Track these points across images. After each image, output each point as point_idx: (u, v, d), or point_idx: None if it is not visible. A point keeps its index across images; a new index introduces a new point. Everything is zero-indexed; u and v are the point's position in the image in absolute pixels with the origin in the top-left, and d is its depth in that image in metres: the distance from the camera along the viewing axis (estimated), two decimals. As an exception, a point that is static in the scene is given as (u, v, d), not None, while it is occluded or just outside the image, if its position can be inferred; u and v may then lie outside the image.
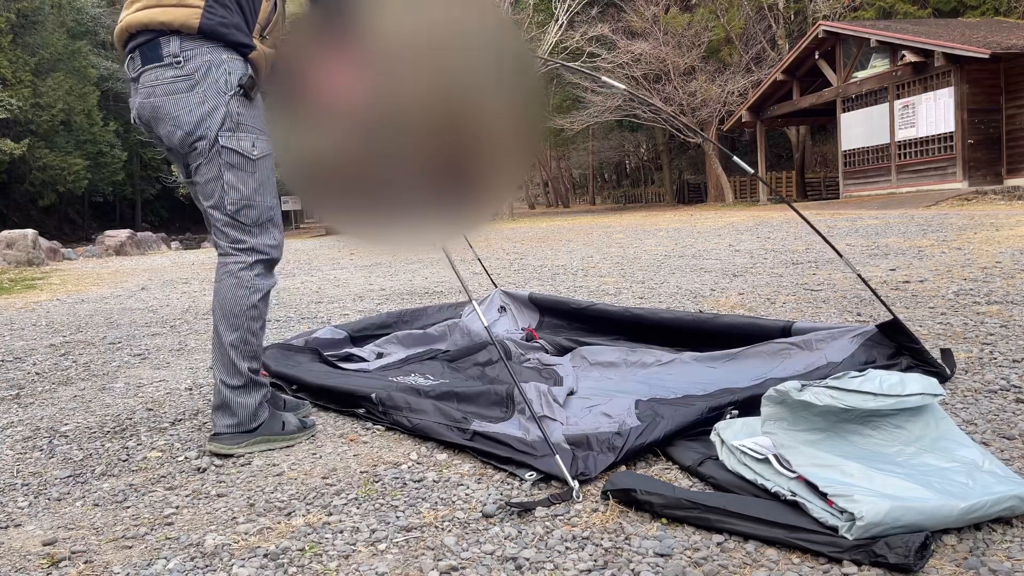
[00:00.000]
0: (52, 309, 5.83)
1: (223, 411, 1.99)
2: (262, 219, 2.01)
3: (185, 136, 1.94)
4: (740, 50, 24.50)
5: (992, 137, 15.34)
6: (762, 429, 1.53)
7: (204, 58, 1.92)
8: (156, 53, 1.93)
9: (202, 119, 1.92)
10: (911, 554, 1.19)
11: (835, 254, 2.18)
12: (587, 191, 43.25)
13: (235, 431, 1.98)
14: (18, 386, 3.06)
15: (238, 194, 1.97)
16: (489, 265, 7.06)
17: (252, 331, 2.00)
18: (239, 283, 1.98)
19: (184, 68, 1.91)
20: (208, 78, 1.92)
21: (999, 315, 3.07)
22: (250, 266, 2.00)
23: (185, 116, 1.93)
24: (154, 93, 1.94)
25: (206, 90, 1.92)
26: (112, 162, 35.53)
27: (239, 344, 1.98)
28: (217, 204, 1.98)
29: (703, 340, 2.61)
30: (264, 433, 2.01)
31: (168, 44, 1.92)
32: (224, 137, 1.94)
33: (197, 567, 1.36)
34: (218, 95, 1.93)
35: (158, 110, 1.95)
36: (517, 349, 2.85)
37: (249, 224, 1.99)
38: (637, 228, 11.90)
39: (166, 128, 1.96)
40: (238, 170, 1.96)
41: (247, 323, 1.99)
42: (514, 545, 1.36)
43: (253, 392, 2.00)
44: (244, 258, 2.00)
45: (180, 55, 1.91)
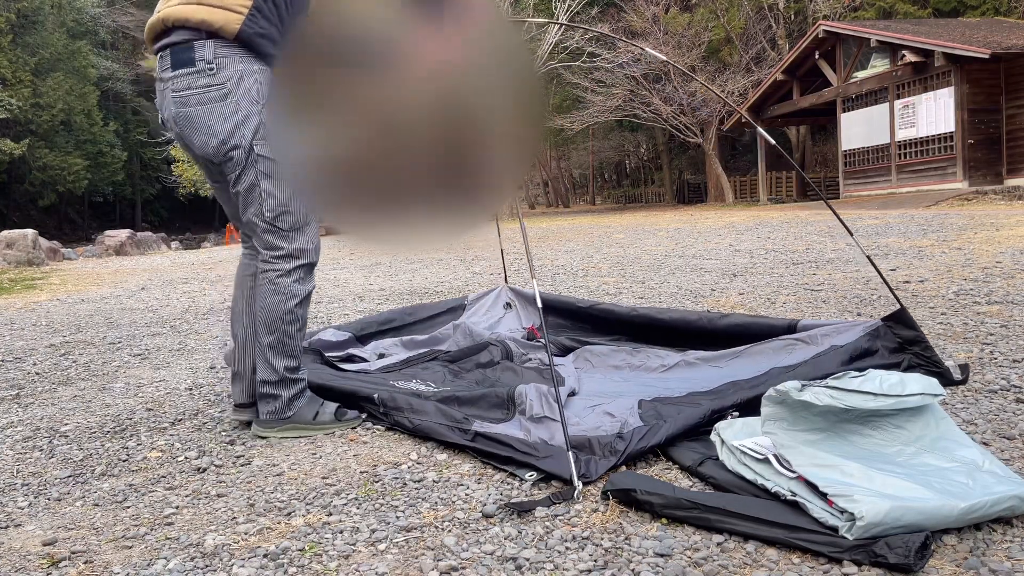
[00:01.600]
0: (52, 309, 5.83)
1: (262, 400, 2.13)
2: (299, 223, 2.09)
3: (220, 145, 1.99)
4: (740, 50, 24.49)
5: (992, 137, 15.33)
6: (762, 429, 1.53)
7: (237, 67, 1.95)
8: (189, 57, 1.95)
9: (236, 128, 1.97)
10: (911, 554, 1.19)
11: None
12: (587, 191, 43.24)
13: (273, 417, 2.12)
14: (18, 386, 3.06)
15: (275, 200, 2.05)
16: (489, 265, 7.07)
17: (289, 334, 2.11)
18: (276, 289, 2.09)
19: (217, 76, 1.95)
20: (241, 87, 1.96)
21: (999, 315, 3.07)
22: (288, 272, 2.10)
23: (219, 125, 1.97)
24: (188, 102, 1.98)
25: (239, 99, 1.96)
26: (112, 162, 35.52)
27: (276, 345, 2.10)
28: (257, 212, 2.06)
29: (707, 340, 2.61)
30: (295, 422, 2.12)
31: (203, 49, 1.94)
32: (259, 145, 2.00)
33: (197, 567, 1.36)
34: (251, 104, 1.97)
35: (192, 120, 1.99)
36: (519, 349, 2.85)
37: (287, 229, 2.08)
38: (637, 228, 11.89)
39: (201, 137, 2.00)
40: (274, 177, 2.03)
41: (284, 327, 2.10)
42: (514, 545, 1.36)
43: (288, 387, 2.12)
44: (283, 265, 2.09)
45: (213, 62, 1.94)
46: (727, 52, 24.85)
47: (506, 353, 2.77)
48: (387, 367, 2.72)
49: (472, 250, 8.96)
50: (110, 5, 37.31)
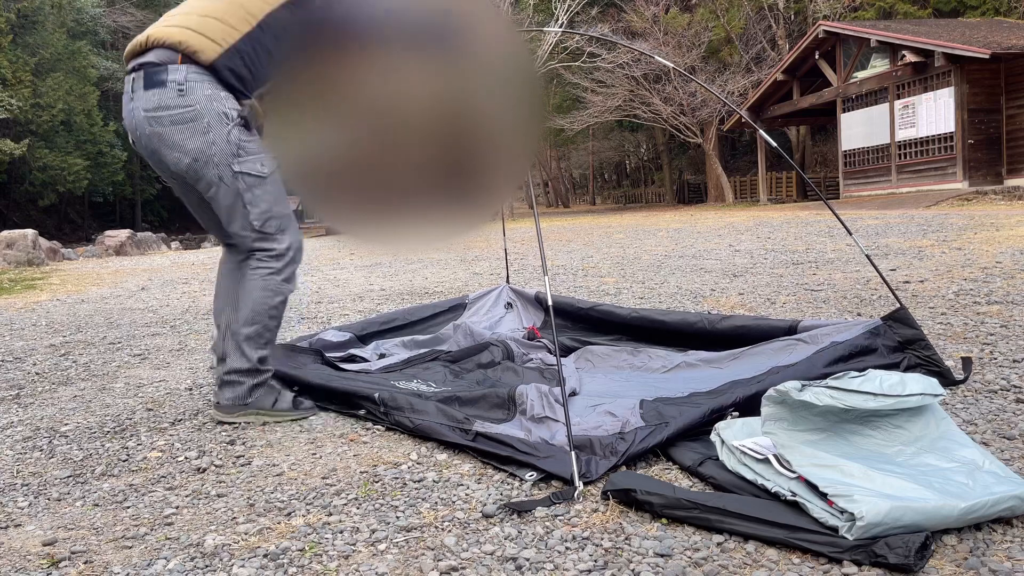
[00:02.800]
0: (52, 309, 5.83)
1: (225, 386, 2.24)
2: (283, 225, 2.24)
3: (192, 163, 2.10)
4: (740, 50, 24.49)
5: (992, 137, 15.33)
6: (762, 429, 1.53)
7: (205, 91, 2.07)
8: (161, 78, 2.07)
9: (206, 147, 2.09)
10: (911, 554, 1.19)
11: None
12: (587, 191, 43.24)
13: (233, 403, 2.23)
14: (18, 386, 3.06)
15: (259, 210, 2.18)
16: (489, 265, 7.06)
17: (269, 328, 2.25)
18: (266, 286, 2.23)
19: (187, 98, 2.06)
20: (210, 109, 2.07)
21: (999, 315, 3.07)
22: (279, 271, 2.25)
23: (190, 144, 2.08)
24: (160, 122, 2.09)
25: (209, 120, 2.07)
26: (112, 162, 35.50)
27: (254, 337, 2.22)
28: (243, 224, 2.19)
29: (708, 342, 2.61)
30: (255, 408, 2.23)
31: (175, 71, 2.06)
32: (236, 163, 2.12)
33: (197, 567, 1.36)
34: (221, 125, 2.08)
35: (164, 139, 2.10)
36: (519, 349, 2.85)
37: (274, 232, 2.22)
38: (637, 228, 11.90)
39: (173, 155, 2.11)
40: (256, 189, 2.16)
41: (266, 321, 2.24)
42: (514, 545, 1.36)
43: (255, 377, 2.23)
44: (275, 264, 2.24)
45: (184, 84, 2.05)
46: (727, 52, 24.85)
47: (507, 353, 2.77)
48: (388, 367, 2.72)
49: (472, 250, 8.96)
50: (110, 5, 37.30)
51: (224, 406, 2.24)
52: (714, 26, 24.27)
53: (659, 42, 23.10)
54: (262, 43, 2.13)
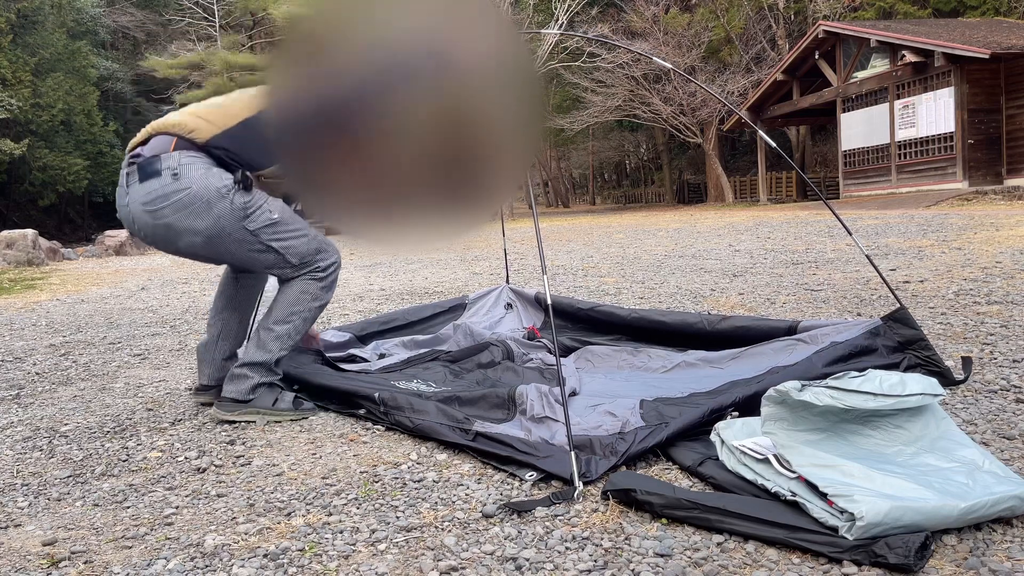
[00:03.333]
0: (52, 309, 5.83)
1: (233, 379, 2.26)
2: (320, 247, 2.29)
3: (206, 241, 2.15)
4: (740, 50, 24.49)
5: (992, 137, 15.33)
6: (762, 429, 1.53)
7: (198, 169, 2.11)
8: (155, 168, 2.11)
9: (216, 221, 2.12)
10: (911, 554, 1.19)
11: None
12: (587, 191, 43.23)
13: (234, 399, 2.23)
14: (18, 386, 3.06)
15: (294, 250, 2.24)
16: (489, 265, 7.06)
17: (298, 330, 2.30)
18: (305, 288, 2.29)
19: (182, 182, 2.09)
20: (206, 186, 2.10)
21: (999, 315, 3.07)
22: (320, 279, 2.31)
23: (200, 225, 2.12)
24: (162, 215, 2.11)
25: (209, 198, 2.11)
26: (112, 162, 35.46)
27: (283, 335, 2.27)
28: (284, 267, 2.26)
29: (708, 342, 2.61)
30: (255, 406, 2.24)
31: (168, 159, 2.11)
32: (250, 224, 2.16)
33: (197, 567, 1.36)
34: (220, 199, 2.12)
35: (172, 228, 2.13)
36: (519, 349, 2.85)
37: (311, 253, 2.28)
38: (637, 228, 11.90)
39: (186, 240, 2.15)
40: (279, 235, 2.21)
41: (298, 322, 2.28)
42: (514, 545, 1.36)
43: (263, 375, 2.26)
44: (318, 274, 2.30)
45: (177, 168, 2.10)
46: (727, 52, 24.85)
47: (507, 353, 2.77)
48: (388, 367, 2.72)
49: (472, 250, 8.96)
50: (110, 5, 37.28)
51: (225, 403, 2.25)
52: (714, 26, 24.27)
53: (659, 42, 23.10)
54: (259, 131, 2.17)
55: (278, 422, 2.24)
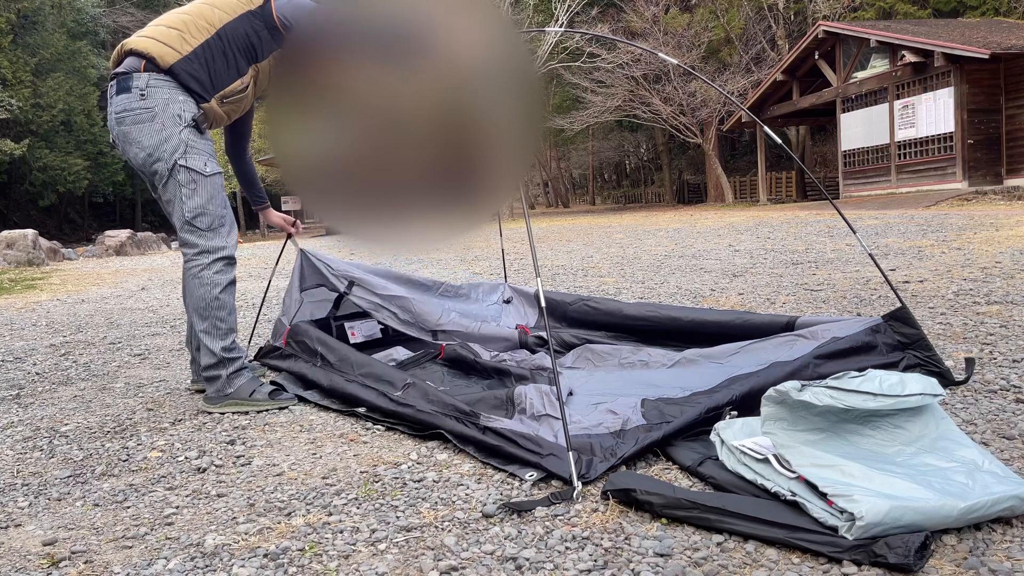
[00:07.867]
0: (52, 309, 5.83)
1: (207, 381, 2.44)
2: (214, 224, 2.40)
3: (146, 157, 2.34)
4: (740, 50, 24.47)
5: (992, 137, 15.33)
6: (762, 429, 1.53)
7: (164, 95, 2.33)
8: (127, 85, 2.34)
9: (160, 143, 2.33)
10: (911, 554, 1.19)
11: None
12: (587, 191, 43.21)
13: (216, 395, 2.41)
14: (18, 386, 3.06)
15: (193, 203, 2.37)
16: (489, 265, 7.06)
17: (220, 318, 2.41)
18: (201, 282, 2.40)
19: (147, 101, 2.32)
20: (167, 111, 2.32)
21: (999, 315, 3.07)
22: (208, 266, 2.40)
23: (146, 140, 2.33)
24: (124, 121, 2.35)
25: (164, 120, 2.32)
26: (112, 162, 35.51)
27: (210, 330, 2.40)
28: (178, 215, 2.39)
29: (706, 338, 2.61)
30: (235, 397, 2.40)
31: (139, 79, 2.33)
32: (182, 158, 2.34)
33: (197, 567, 1.36)
34: (174, 125, 2.33)
35: (127, 135, 2.36)
36: (517, 356, 2.85)
37: (204, 229, 2.39)
38: (637, 228, 11.90)
39: (133, 150, 2.37)
40: (194, 184, 2.36)
41: (214, 312, 2.40)
42: (514, 545, 1.36)
43: (227, 366, 2.41)
44: (202, 260, 2.40)
45: (145, 89, 2.32)
46: (727, 52, 24.83)
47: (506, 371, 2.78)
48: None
49: (472, 250, 8.96)
50: (110, 5, 37.29)
51: (210, 398, 2.43)
52: (714, 26, 24.26)
53: (659, 42, 23.09)
54: (220, 49, 2.39)
55: (258, 412, 2.37)
